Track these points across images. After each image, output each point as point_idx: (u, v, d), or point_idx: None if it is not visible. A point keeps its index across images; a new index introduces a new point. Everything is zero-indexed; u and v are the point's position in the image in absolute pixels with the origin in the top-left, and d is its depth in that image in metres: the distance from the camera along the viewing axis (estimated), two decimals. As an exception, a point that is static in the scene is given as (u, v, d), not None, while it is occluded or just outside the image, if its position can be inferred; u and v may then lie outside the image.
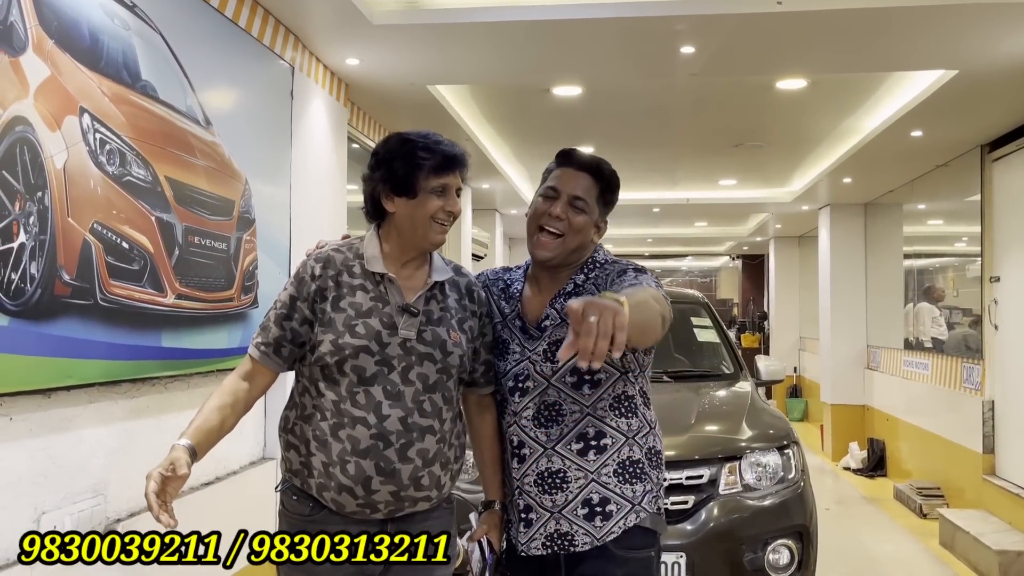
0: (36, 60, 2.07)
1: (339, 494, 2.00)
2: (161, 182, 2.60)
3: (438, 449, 2.04)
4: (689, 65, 4.04)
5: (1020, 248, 5.39)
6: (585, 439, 2.03)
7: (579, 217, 2.05)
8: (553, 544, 2.04)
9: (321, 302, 2.02)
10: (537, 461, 2.05)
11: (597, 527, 2.01)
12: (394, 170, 2.01)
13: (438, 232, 2.05)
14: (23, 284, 2.02)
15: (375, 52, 3.91)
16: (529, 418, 2.06)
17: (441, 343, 2.05)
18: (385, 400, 1.99)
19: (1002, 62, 3.95)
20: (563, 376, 2.03)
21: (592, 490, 2.02)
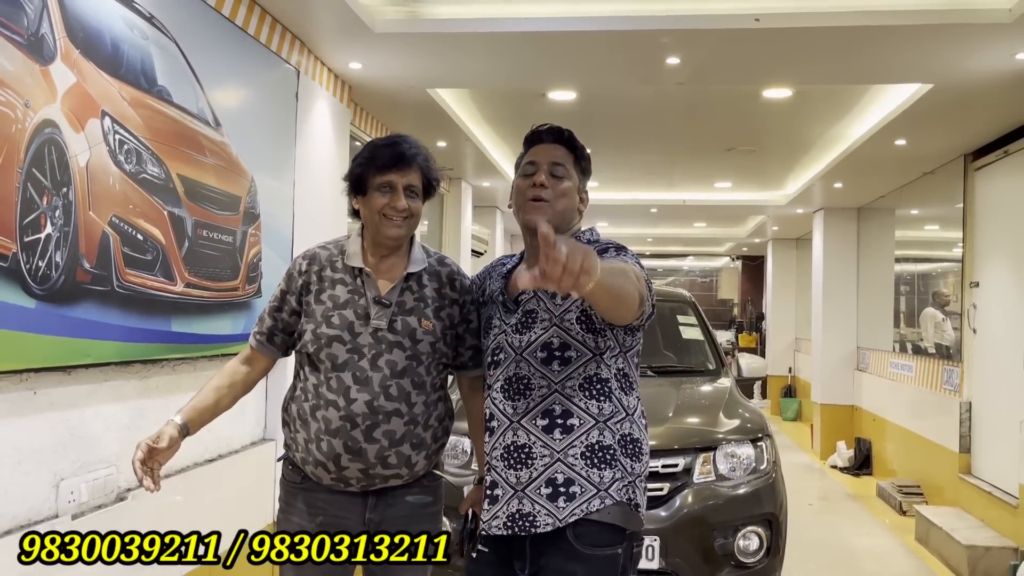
0: (63, 68, 2.28)
1: (316, 468, 2.20)
2: (174, 179, 2.81)
3: (407, 430, 2.19)
4: (676, 74, 4.24)
5: (999, 255, 5.57)
6: (551, 416, 2.00)
7: (563, 183, 2.08)
8: (514, 524, 1.99)
9: (306, 295, 2.23)
10: (504, 434, 2.04)
11: (559, 507, 1.96)
12: (352, 172, 2.22)
13: (388, 227, 2.18)
14: (49, 271, 2.23)
15: (377, 57, 4.12)
16: (498, 390, 2.06)
17: (411, 332, 2.20)
18: (353, 385, 2.15)
19: (974, 77, 4.14)
20: (534, 350, 2.02)
21: (557, 470, 1.97)
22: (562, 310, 1.99)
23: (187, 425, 2.15)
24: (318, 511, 2.27)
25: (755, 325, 15.13)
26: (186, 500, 3.01)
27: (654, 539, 3.61)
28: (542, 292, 2.02)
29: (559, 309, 2.00)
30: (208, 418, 2.25)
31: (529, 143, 2.18)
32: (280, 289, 2.28)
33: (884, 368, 8.01)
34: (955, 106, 4.70)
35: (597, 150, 6.73)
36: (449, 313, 2.28)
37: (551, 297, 2.01)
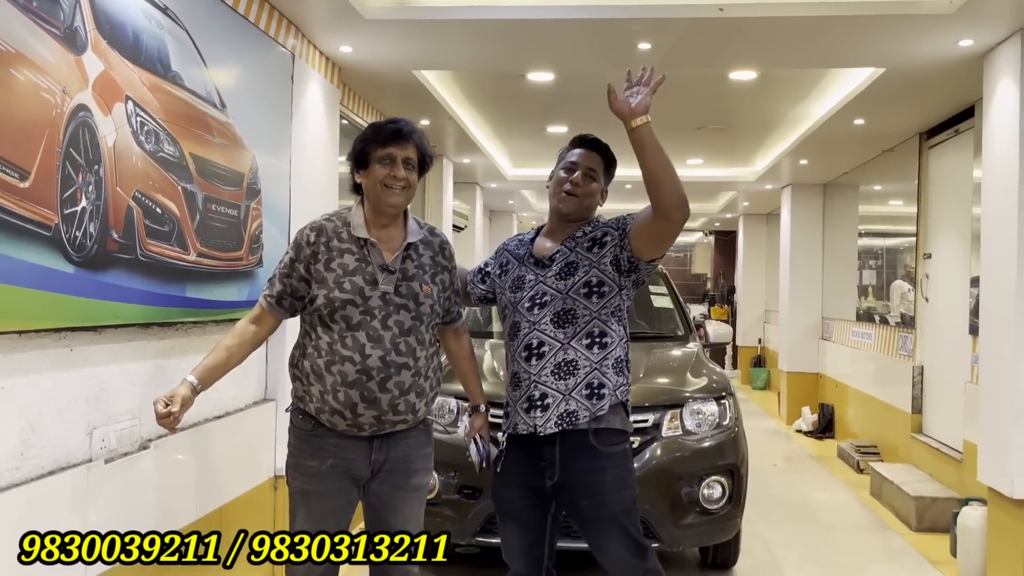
0: (94, 58, 2.53)
1: (332, 416, 2.51)
2: (186, 157, 3.07)
3: (413, 381, 2.53)
4: (647, 58, 4.52)
5: (949, 228, 5.94)
6: (592, 336, 2.63)
7: (592, 184, 2.70)
8: (563, 422, 2.59)
9: (315, 263, 2.52)
10: (555, 354, 2.62)
11: (593, 404, 2.60)
12: (355, 149, 2.54)
13: (388, 195, 2.51)
14: (84, 240, 2.49)
15: (366, 41, 4.37)
16: (548, 322, 2.63)
17: (414, 295, 2.54)
18: (368, 343, 2.47)
19: (922, 62, 4.46)
20: (578, 289, 2.62)
21: (594, 376, 2.61)
22: (599, 256, 2.63)
23: (200, 383, 2.47)
24: (328, 454, 2.57)
25: (727, 298, 15.54)
26: (197, 452, 3.29)
27: (626, 488, 3.94)
28: (580, 247, 2.66)
29: (597, 256, 2.63)
30: (220, 374, 2.57)
31: (574, 145, 2.76)
32: (289, 257, 2.58)
33: (846, 337, 8.41)
34: (907, 88, 5.02)
35: (573, 127, 7.01)
36: (442, 278, 2.65)
37: (588, 249, 2.65)
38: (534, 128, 7.27)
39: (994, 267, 4.12)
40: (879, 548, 5.05)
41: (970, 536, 4.38)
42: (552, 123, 7.00)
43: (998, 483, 4.01)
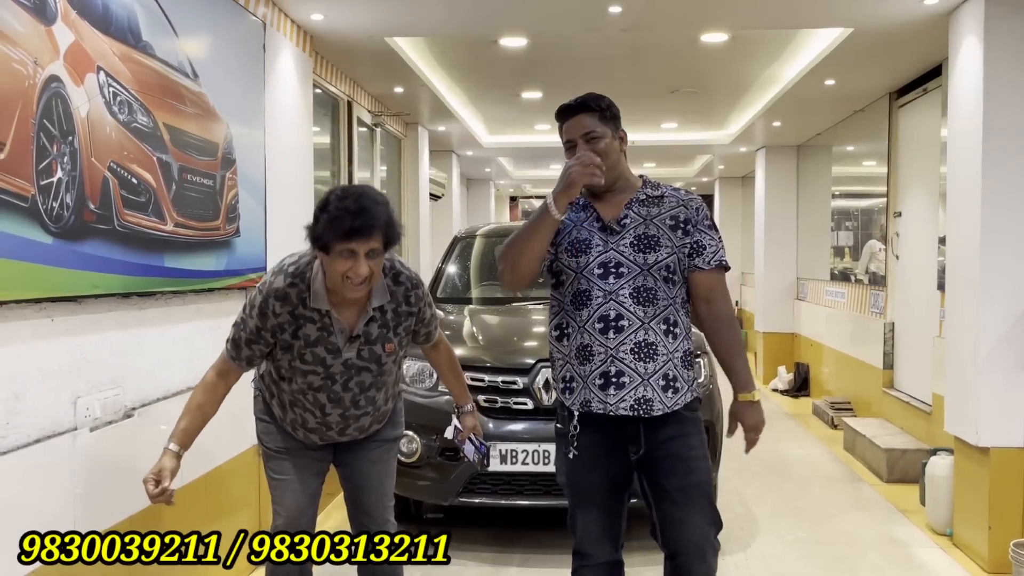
0: (64, 28, 2.53)
1: (294, 431, 2.68)
2: (160, 128, 3.08)
3: (372, 420, 2.69)
4: (619, 21, 4.55)
5: (918, 186, 6.04)
6: (668, 323, 2.45)
7: (600, 143, 2.46)
8: (639, 407, 2.42)
9: (281, 333, 2.48)
10: (635, 332, 2.41)
11: (668, 398, 2.43)
12: (315, 233, 2.31)
13: (349, 290, 2.34)
14: (62, 211, 2.51)
15: (337, 8, 4.36)
16: (627, 295, 2.43)
17: (377, 358, 2.55)
18: (328, 403, 2.59)
19: (889, 21, 4.52)
20: (659, 269, 2.44)
21: (669, 367, 2.44)
22: (680, 243, 2.47)
23: (181, 447, 2.50)
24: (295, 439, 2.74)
25: (704, 262, 15.64)
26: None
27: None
28: (659, 221, 2.48)
29: (679, 242, 2.46)
30: (197, 434, 2.56)
31: (560, 119, 2.55)
32: (255, 325, 2.48)
33: (820, 296, 8.54)
34: (875, 48, 5.08)
35: (547, 92, 7.04)
36: (406, 325, 2.60)
37: (671, 230, 2.47)
38: (508, 94, 7.28)
39: (959, 223, 4.22)
40: (851, 499, 5.20)
41: (938, 484, 4.52)
42: (526, 89, 7.02)
43: (963, 432, 4.14)
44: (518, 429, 4.14)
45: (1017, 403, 3.93)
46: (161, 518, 3.10)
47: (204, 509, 3.47)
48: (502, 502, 4.18)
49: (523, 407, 4.19)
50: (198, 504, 3.42)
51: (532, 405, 4.18)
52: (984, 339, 3.96)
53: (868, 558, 4.20)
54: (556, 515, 4.35)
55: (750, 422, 2.53)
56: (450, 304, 5.38)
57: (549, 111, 8.23)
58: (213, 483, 3.56)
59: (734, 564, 4.08)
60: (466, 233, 6.11)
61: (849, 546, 4.37)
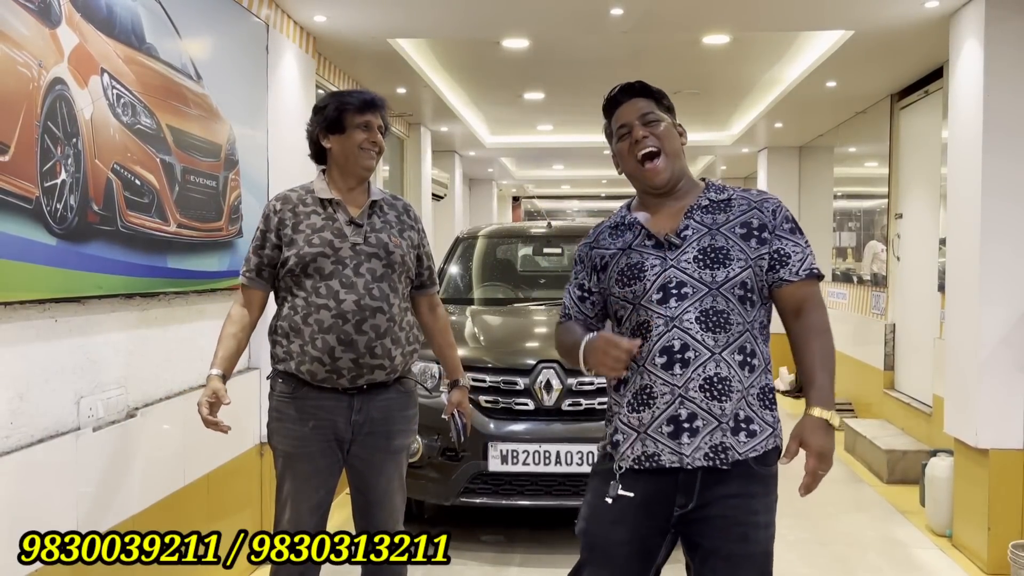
0: (68, 31, 2.55)
1: (311, 365, 2.59)
2: (164, 129, 3.10)
3: (388, 326, 2.62)
4: (620, 24, 4.57)
5: (920, 188, 6.04)
6: (744, 353, 2.00)
7: (659, 127, 2.07)
8: (716, 456, 1.96)
9: (283, 229, 2.64)
10: (704, 365, 1.97)
11: (741, 442, 1.97)
12: (327, 115, 2.65)
13: (366, 158, 2.65)
14: (65, 212, 2.53)
15: (340, 10, 4.38)
16: (693, 321, 1.98)
17: (384, 245, 2.65)
18: (341, 289, 2.57)
19: (891, 23, 4.53)
20: (732, 287, 2.00)
21: (741, 407, 1.99)
22: (757, 252, 2.03)
23: (225, 374, 2.62)
24: (309, 416, 2.64)
25: (706, 262, 15.64)
26: (183, 420, 3.35)
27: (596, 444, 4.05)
28: (725, 233, 2.04)
29: (754, 252, 2.03)
30: (236, 360, 2.72)
31: (609, 110, 2.15)
32: (260, 230, 2.69)
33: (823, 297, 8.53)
34: (876, 50, 5.09)
35: (549, 93, 7.06)
36: (409, 235, 2.75)
37: (743, 239, 2.03)
38: (511, 95, 7.29)
39: (959, 225, 4.23)
40: (851, 499, 5.21)
41: (937, 485, 4.53)
42: (528, 90, 7.03)
43: (963, 434, 4.15)
44: (519, 430, 4.16)
45: (1016, 405, 3.94)
46: (163, 517, 3.12)
47: (206, 508, 3.49)
48: (503, 502, 4.20)
49: (524, 407, 4.21)
50: (200, 503, 3.44)
51: (533, 406, 4.20)
52: (984, 341, 3.97)
53: (867, 559, 4.22)
54: (557, 515, 4.37)
55: (818, 445, 1.98)
56: (452, 304, 5.39)
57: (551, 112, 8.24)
58: (215, 482, 3.58)
59: None
60: (468, 234, 6.12)
61: (849, 546, 4.38)
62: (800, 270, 2.05)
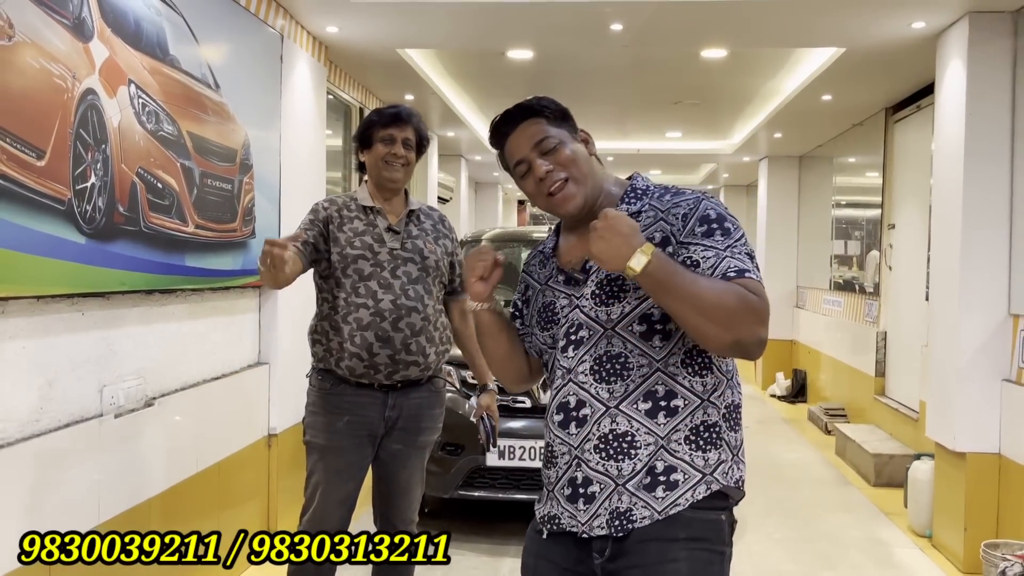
0: (100, 45, 2.74)
1: (350, 360, 2.76)
2: (184, 136, 3.29)
3: (422, 325, 2.80)
4: (620, 38, 4.75)
5: (912, 200, 6.21)
6: (654, 398, 1.71)
7: (561, 151, 1.76)
8: (615, 524, 1.70)
9: (331, 224, 2.82)
10: (599, 422, 1.72)
11: (658, 498, 1.69)
12: (359, 131, 2.89)
13: (389, 171, 2.82)
14: (94, 213, 2.72)
15: (351, 22, 4.57)
16: (587, 372, 1.74)
17: (419, 250, 2.85)
18: (379, 289, 2.77)
19: (880, 42, 4.70)
20: (630, 323, 1.71)
21: (659, 457, 1.70)
22: None
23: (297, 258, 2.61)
24: (344, 411, 2.82)
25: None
26: (197, 410, 3.54)
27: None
28: None
29: None
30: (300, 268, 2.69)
31: (497, 142, 1.86)
32: (308, 218, 2.86)
33: (819, 304, 8.71)
34: (868, 66, 5.27)
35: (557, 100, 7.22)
36: (444, 243, 2.95)
37: None
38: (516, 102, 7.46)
39: (942, 235, 4.40)
40: (838, 501, 5.38)
41: (919, 488, 4.70)
42: (533, 97, 7.21)
43: (943, 438, 4.32)
44: (517, 426, 4.34)
45: (992, 410, 4.11)
46: (177, 502, 3.31)
47: (217, 495, 3.68)
48: (500, 496, 4.38)
49: (522, 405, 4.39)
50: (211, 490, 3.62)
51: (530, 404, 4.38)
52: (963, 349, 4.13)
53: (849, 556, 4.38)
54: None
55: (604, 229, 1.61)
56: None
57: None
58: (226, 471, 3.76)
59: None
60: (471, 237, 6.31)
61: (832, 545, 4.55)
62: (715, 275, 1.63)
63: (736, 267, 1.62)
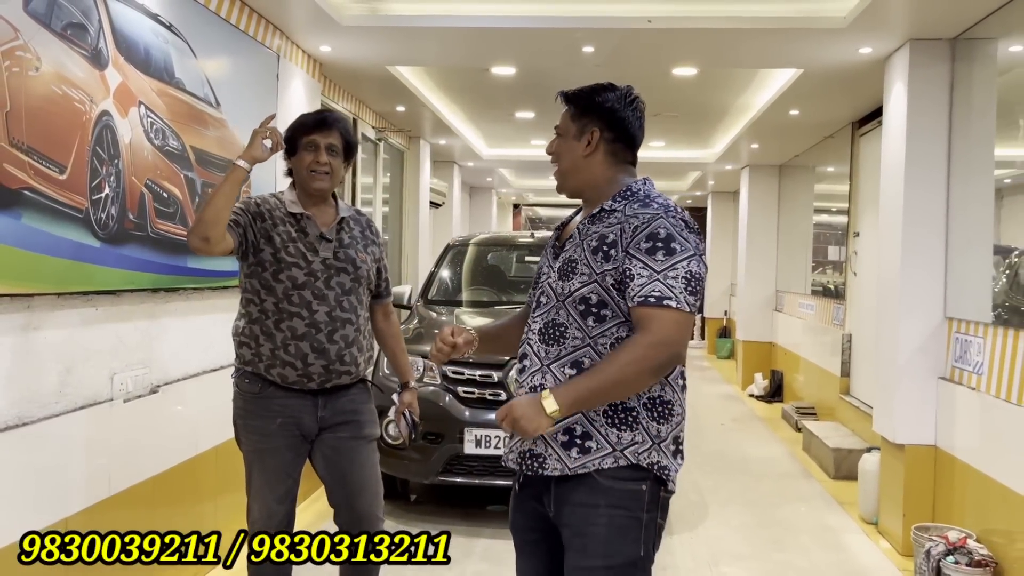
0: (114, 72, 3.10)
1: (283, 369, 2.73)
2: (188, 150, 3.65)
3: (355, 336, 2.80)
4: (593, 58, 5.11)
5: (874, 208, 6.55)
6: (580, 368, 1.95)
7: (568, 142, 2.12)
8: (524, 462, 2.00)
9: (261, 221, 2.72)
10: (532, 375, 2.02)
11: (571, 457, 1.94)
12: (284, 136, 2.76)
13: (314, 180, 2.72)
14: (108, 220, 3.09)
15: (343, 42, 4.93)
16: (536, 331, 2.05)
17: (352, 260, 2.80)
18: (313, 300, 2.72)
19: (833, 65, 5.07)
20: (574, 301, 1.98)
21: (577, 420, 1.93)
22: (601, 268, 1.96)
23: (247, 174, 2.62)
24: (276, 413, 2.78)
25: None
26: (195, 399, 3.89)
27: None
28: (584, 245, 2.01)
29: (599, 267, 1.96)
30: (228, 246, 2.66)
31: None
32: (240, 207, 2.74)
33: (795, 308, 9.07)
34: (827, 85, 5.63)
35: (539, 112, 7.60)
36: (372, 250, 2.92)
37: (592, 252, 1.98)
38: (503, 113, 7.84)
39: (887, 245, 4.76)
40: (798, 492, 5.73)
41: (867, 478, 5.05)
42: (519, 109, 7.58)
43: (886, 431, 4.68)
44: (492, 418, 4.69)
45: (929, 405, 4.46)
46: (179, 482, 3.66)
47: (214, 477, 4.03)
48: (476, 481, 4.73)
49: (497, 398, 4.73)
50: (209, 472, 3.97)
51: (505, 396, 4.73)
52: (902, 348, 4.49)
53: (799, 540, 4.74)
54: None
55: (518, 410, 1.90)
56: (441, 306, 5.93)
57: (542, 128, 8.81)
58: (222, 454, 4.11)
59: (680, 542, 4.62)
60: (459, 241, 6.67)
61: (785, 531, 4.90)
62: (636, 295, 1.90)
63: (658, 293, 1.88)
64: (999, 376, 3.83)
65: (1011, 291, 6.70)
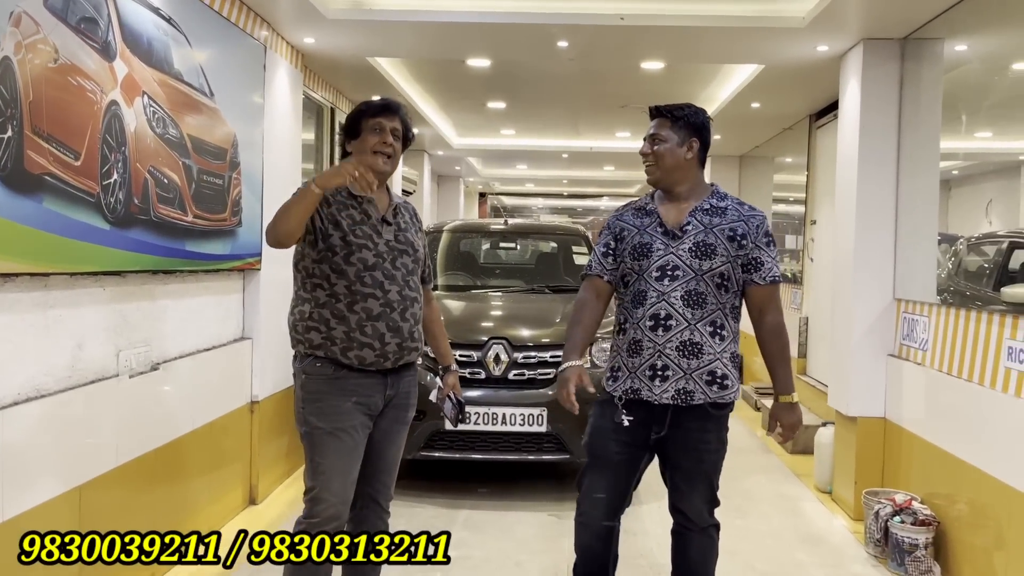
0: (121, 63, 3.27)
1: (360, 350, 2.71)
2: (185, 138, 3.82)
3: (420, 315, 2.88)
4: (566, 53, 5.35)
5: (829, 198, 6.89)
6: (715, 326, 2.74)
7: (658, 146, 2.79)
8: (679, 397, 2.72)
9: (327, 207, 2.74)
10: (681, 332, 2.71)
11: (714, 391, 2.75)
12: (347, 122, 2.85)
13: (379, 160, 2.76)
14: (116, 205, 3.26)
15: (326, 34, 5.11)
16: (678, 298, 2.71)
17: (411, 243, 2.87)
18: (385, 280, 2.75)
19: (792, 61, 5.37)
20: (712, 276, 2.71)
21: (717, 366, 2.75)
22: (736, 255, 2.73)
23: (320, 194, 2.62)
24: (350, 393, 2.75)
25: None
26: (192, 376, 4.07)
27: (542, 410, 4.85)
28: (719, 231, 2.73)
29: (734, 253, 2.73)
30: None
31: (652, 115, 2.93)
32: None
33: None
34: (787, 80, 5.94)
35: (510, 104, 7.83)
36: (421, 236, 3.01)
37: (728, 240, 2.73)
38: (476, 104, 8.05)
39: (841, 229, 5.08)
40: (757, 466, 6.06)
41: (823, 450, 5.39)
42: (492, 99, 7.80)
43: (840, 405, 5.01)
44: (472, 395, 4.92)
45: (879, 380, 4.79)
46: (176, 455, 3.85)
47: (208, 451, 4.22)
48: (457, 456, 4.97)
49: (477, 376, 4.98)
50: (204, 446, 4.17)
51: (484, 375, 4.97)
52: (855, 327, 4.82)
53: (760, 508, 5.05)
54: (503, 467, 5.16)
55: (787, 421, 2.87)
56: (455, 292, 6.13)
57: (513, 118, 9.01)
58: (216, 429, 4.31)
59: (648, 511, 4.90)
60: (434, 228, 6.88)
61: (747, 500, 5.21)
62: (767, 277, 2.79)
63: (776, 274, 2.81)
64: (942, 352, 4.16)
65: (955, 276, 7.13)
